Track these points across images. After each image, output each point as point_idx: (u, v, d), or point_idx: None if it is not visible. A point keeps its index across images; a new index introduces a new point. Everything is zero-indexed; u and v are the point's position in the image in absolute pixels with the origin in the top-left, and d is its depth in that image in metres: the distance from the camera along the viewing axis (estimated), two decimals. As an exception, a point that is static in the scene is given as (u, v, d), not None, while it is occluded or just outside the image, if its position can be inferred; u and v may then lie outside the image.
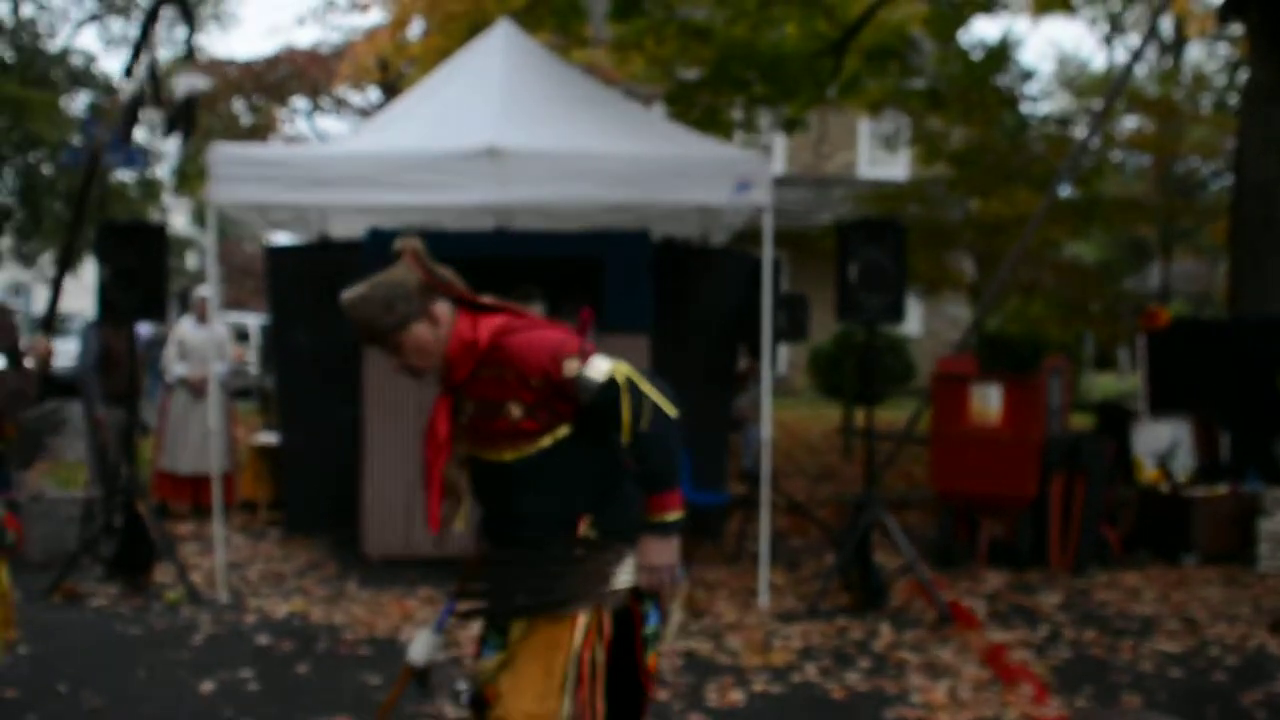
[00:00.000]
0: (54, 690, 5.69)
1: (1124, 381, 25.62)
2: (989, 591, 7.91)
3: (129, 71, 5.70)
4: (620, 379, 3.37)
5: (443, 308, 3.56)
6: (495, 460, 3.54)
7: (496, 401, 3.41)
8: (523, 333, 3.50)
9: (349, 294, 3.50)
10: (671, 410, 3.37)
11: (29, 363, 4.88)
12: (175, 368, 10.03)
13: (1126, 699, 5.77)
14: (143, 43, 5.81)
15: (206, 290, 9.85)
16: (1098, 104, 16.31)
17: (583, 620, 3.45)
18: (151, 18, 5.92)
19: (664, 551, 3.46)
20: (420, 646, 3.60)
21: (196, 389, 9.97)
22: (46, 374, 4.87)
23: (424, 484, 3.72)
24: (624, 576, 3.48)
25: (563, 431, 3.44)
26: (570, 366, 3.38)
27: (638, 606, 3.57)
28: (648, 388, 3.38)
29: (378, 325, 3.50)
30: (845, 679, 5.99)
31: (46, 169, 29.13)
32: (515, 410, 3.40)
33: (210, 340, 9.98)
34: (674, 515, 3.45)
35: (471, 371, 3.45)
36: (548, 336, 3.50)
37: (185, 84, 6.06)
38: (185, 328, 10.12)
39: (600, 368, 3.39)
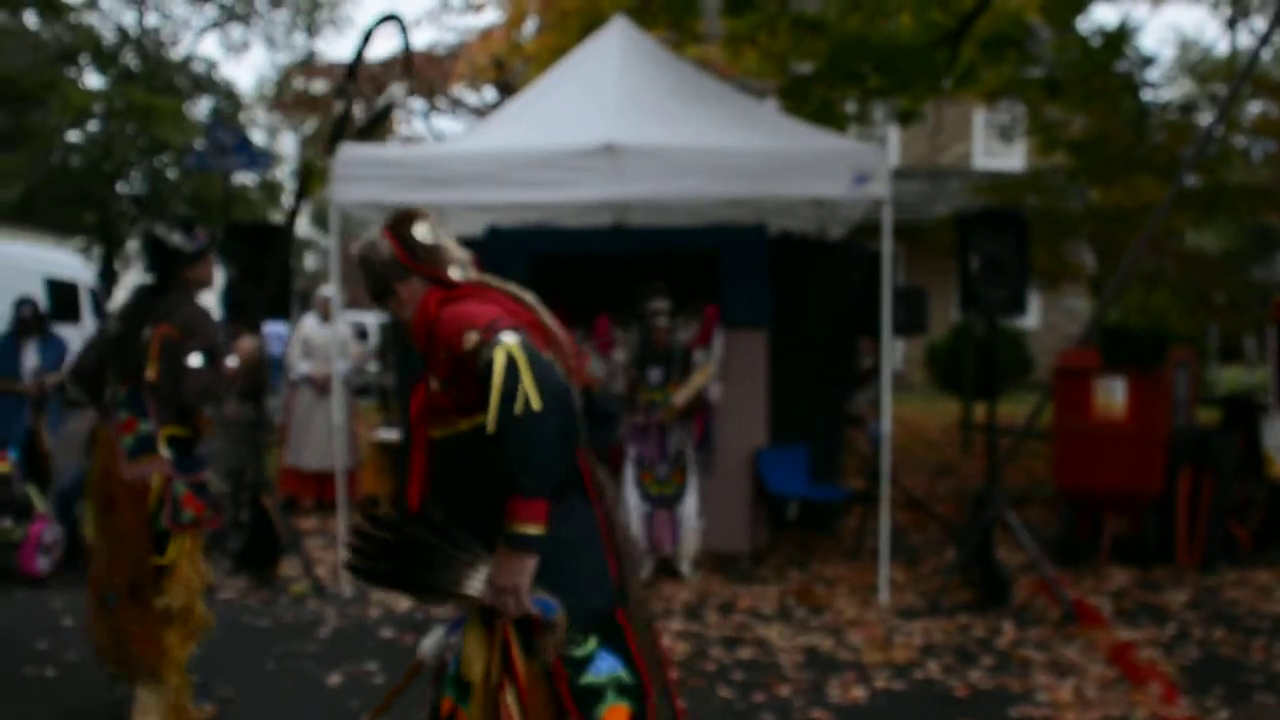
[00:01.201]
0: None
1: (1251, 374, 24.97)
2: (1114, 589, 7.77)
3: (342, 91, 5.87)
4: (500, 357, 2.97)
5: (413, 286, 3.35)
6: (431, 437, 3.29)
7: (432, 376, 3.23)
8: (457, 305, 3.20)
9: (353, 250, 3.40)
10: (537, 404, 2.91)
11: (232, 362, 5.12)
12: (300, 365, 10.24)
13: (1260, 699, 5.63)
14: (357, 62, 5.98)
15: (329, 290, 10.03)
16: (1221, 90, 15.91)
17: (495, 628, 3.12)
18: (366, 39, 6.08)
19: (510, 569, 3.00)
20: (431, 643, 3.38)
21: (320, 386, 10.16)
22: (255, 373, 5.12)
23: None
24: (474, 584, 3.10)
25: (481, 418, 3.00)
26: (470, 339, 3.06)
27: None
28: (528, 375, 2.94)
29: (369, 292, 3.43)
30: (968, 676, 5.93)
31: (171, 173, 29.87)
32: (433, 383, 3.20)
33: (332, 339, 10.16)
34: (529, 528, 2.97)
35: (425, 344, 3.25)
36: (470, 311, 3.15)
37: (389, 94, 6.23)
38: (309, 326, 10.33)
39: (498, 344, 2.98)
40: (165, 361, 4.88)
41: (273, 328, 10.43)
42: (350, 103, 5.80)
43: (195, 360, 4.85)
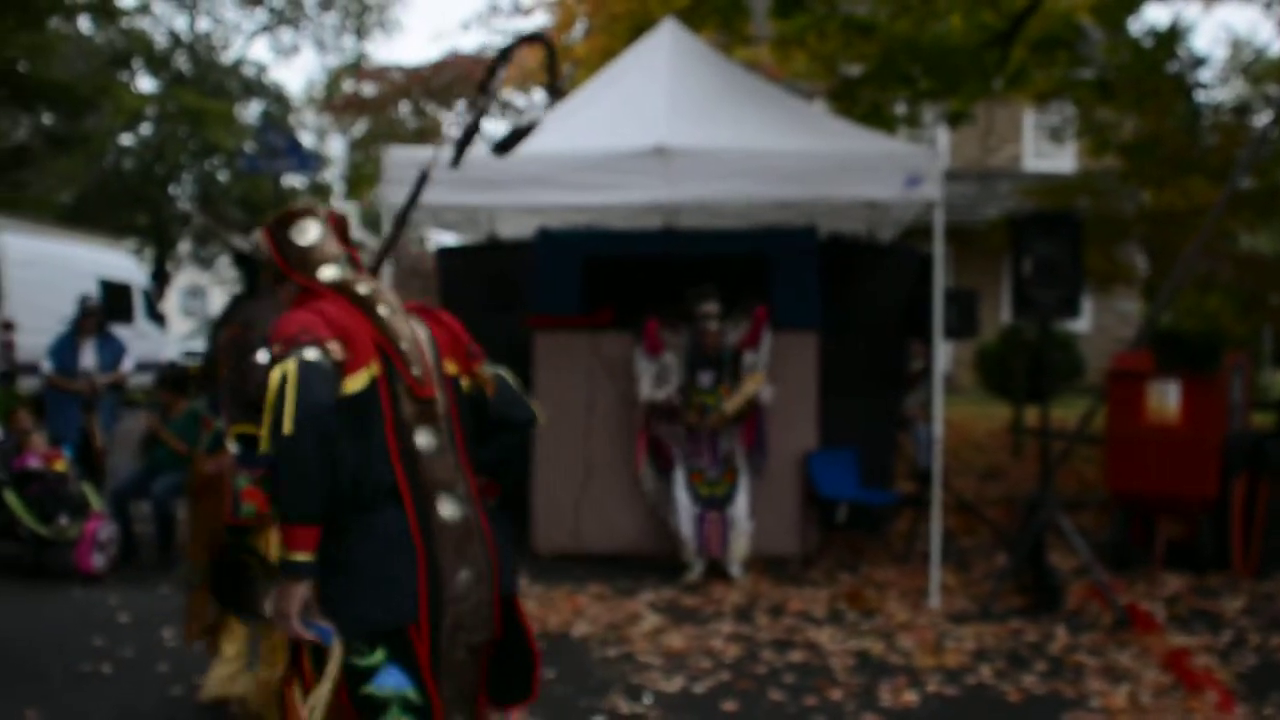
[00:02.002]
0: (243, 679, 5.89)
1: (1306, 378, 24.67)
2: (1168, 595, 7.69)
3: (474, 104, 5.95)
4: (275, 377, 2.88)
5: (288, 288, 3.26)
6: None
7: None
8: (292, 312, 3.10)
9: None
10: (288, 428, 2.82)
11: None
12: None
13: (1319, 707, 5.57)
14: (493, 76, 6.06)
15: None
16: (1275, 90, 15.74)
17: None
18: (505, 56, 6.16)
19: (281, 596, 2.94)
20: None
21: None
22: None
23: None
24: (268, 605, 3.07)
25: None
26: (261, 355, 3.05)
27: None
28: (290, 397, 2.84)
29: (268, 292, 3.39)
30: (1021, 681, 5.90)
31: (222, 175, 30.15)
32: None
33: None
34: (295, 555, 2.89)
35: None
36: (291, 320, 3.03)
37: (532, 112, 6.28)
38: None
39: (282, 362, 2.90)
40: (232, 360, 5.01)
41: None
42: (480, 115, 5.83)
43: (263, 356, 4.91)
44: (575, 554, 8.49)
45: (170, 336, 22.06)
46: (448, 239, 12.16)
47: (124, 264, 19.00)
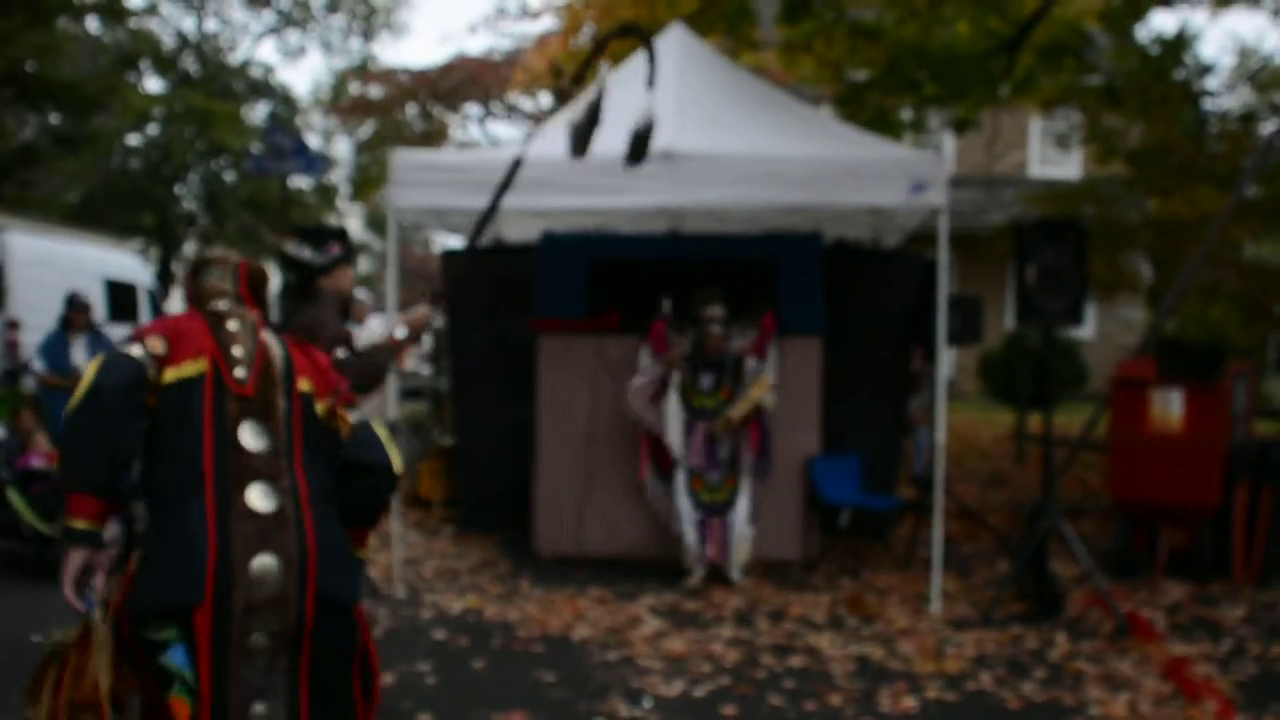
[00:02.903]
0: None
1: (1311, 387, 24.64)
2: (1169, 603, 7.69)
3: (583, 95, 6.08)
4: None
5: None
6: None
7: None
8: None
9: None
10: (71, 404, 3.11)
11: (400, 333, 5.32)
12: None
13: (1319, 716, 5.57)
14: (589, 65, 6.14)
15: (362, 293, 10.09)
16: (1283, 99, 15.73)
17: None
18: (601, 46, 6.23)
19: (64, 561, 3.13)
20: None
21: None
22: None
23: None
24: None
25: None
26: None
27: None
28: (87, 378, 3.11)
29: None
30: (1021, 689, 5.90)
31: (229, 176, 30.19)
32: None
33: (368, 340, 10.28)
34: (74, 522, 3.11)
35: None
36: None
37: (646, 113, 6.28)
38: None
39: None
40: None
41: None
42: (598, 107, 5.92)
43: (340, 353, 5.04)
44: (576, 557, 8.50)
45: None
46: (453, 242, 12.19)
47: (129, 264, 19.01)
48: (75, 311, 10.48)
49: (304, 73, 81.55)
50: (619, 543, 8.56)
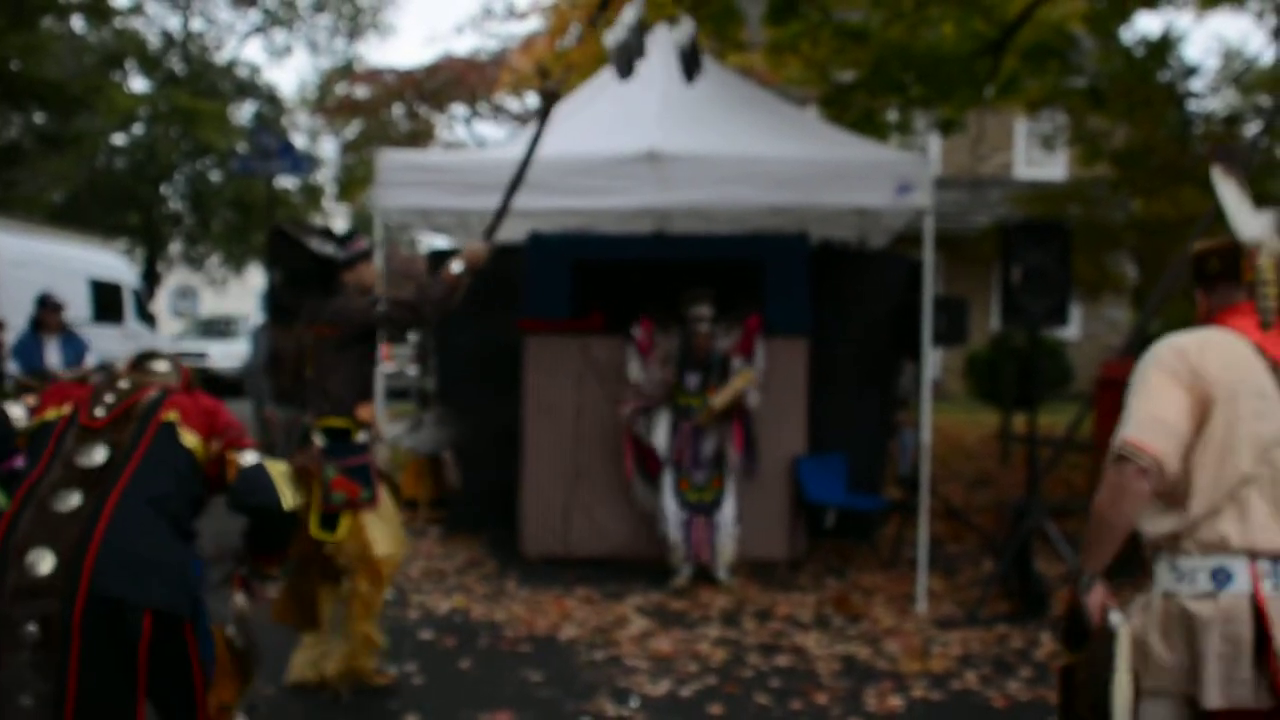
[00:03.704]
0: (230, 679, 5.89)
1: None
2: (1154, 602, 7.71)
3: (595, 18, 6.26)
4: None
5: None
6: None
7: None
8: None
9: None
10: None
11: (456, 267, 5.61)
12: None
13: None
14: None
15: None
16: (1266, 100, 15.79)
17: None
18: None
19: None
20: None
21: None
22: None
23: None
24: None
25: None
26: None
27: None
28: None
29: None
30: (1006, 688, 5.92)
31: (214, 176, 30.11)
32: None
33: None
34: None
35: None
36: None
37: (682, 33, 6.44)
38: None
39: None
40: (319, 358, 5.52)
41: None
42: (640, 29, 6.12)
43: (383, 306, 5.50)
44: (563, 557, 8.51)
45: (161, 337, 22.03)
46: (439, 242, 12.18)
47: (115, 264, 18.97)
48: (47, 311, 10.40)
49: (290, 73, 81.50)
50: (605, 543, 8.57)
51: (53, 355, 10.28)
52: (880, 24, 12.40)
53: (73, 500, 3.41)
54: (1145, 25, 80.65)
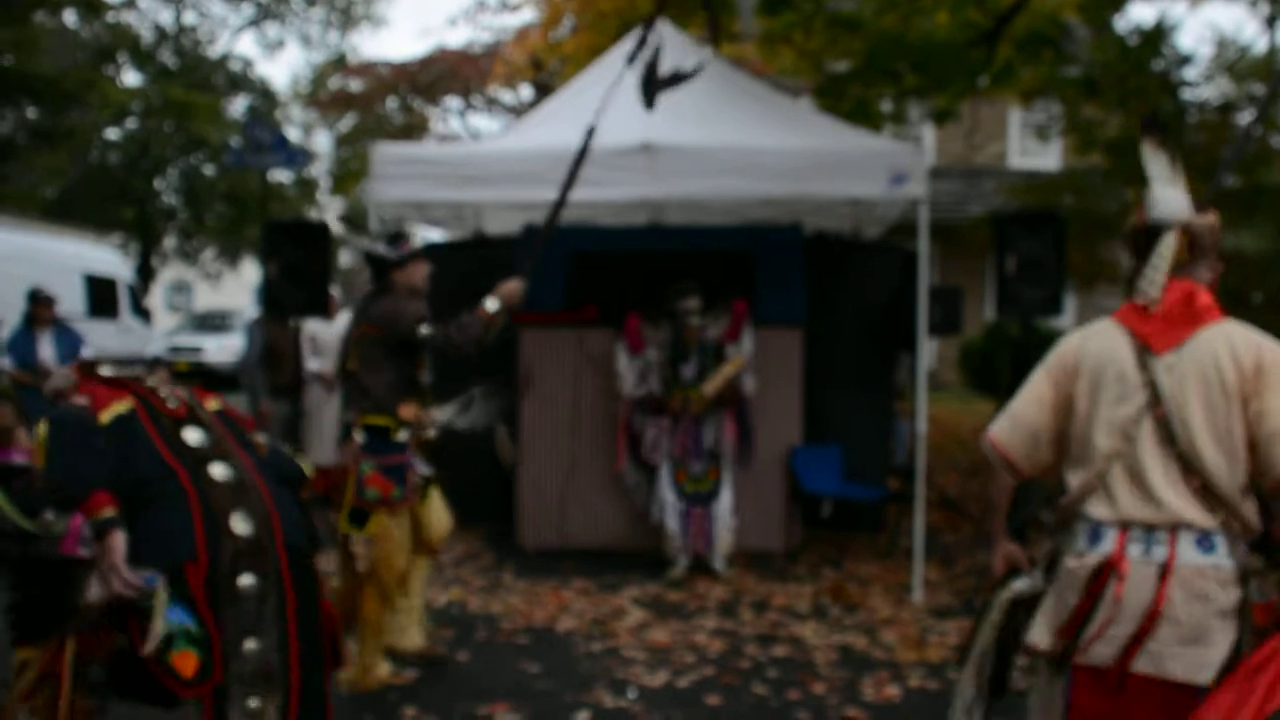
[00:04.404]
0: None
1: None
2: (1150, 590, 7.73)
3: (631, 59, 6.34)
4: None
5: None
6: None
7: None
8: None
9: None
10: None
11: (491, 305, 5.71)
12: (309, 363, 10.25)
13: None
14: (651, 23, 6.42)
15: (332, 288, 10.07)
16: (1260, 89, 15.79)
17: None
18: (650, 22, 6.42)
19: (109, 549, 3.52)
20: None
21: (329, 383, 10.24)
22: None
23: None
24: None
25: None
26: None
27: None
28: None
29: None
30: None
31: (208, 170, 30.06)
32: None
33: (337, 335, 10.28)
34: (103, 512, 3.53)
35: None
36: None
37: (696, 59, 6.51)
38: (315, 324, 10.31)
39: None
40: (363, 355, 5.61)
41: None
42: (655, 67, 6.21)
43: (426, 329, 5.57)
44: (560, 549, 8.52)
45: (155, 332, 22.03)
46: (434, 235, 12.17)
47: (109, 259, 18.97)
48: (39, 306, 10.41)
49: (283, 66, 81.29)
50: (602, 534, 8.58)
51: (46, 349, 10.28)
52: (874, 13, 12.37)
53: (224, 471, 3.69)
54: (1139, 14, 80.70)
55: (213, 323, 24.90)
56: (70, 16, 26.86)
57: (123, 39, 29.28)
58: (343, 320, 10.67)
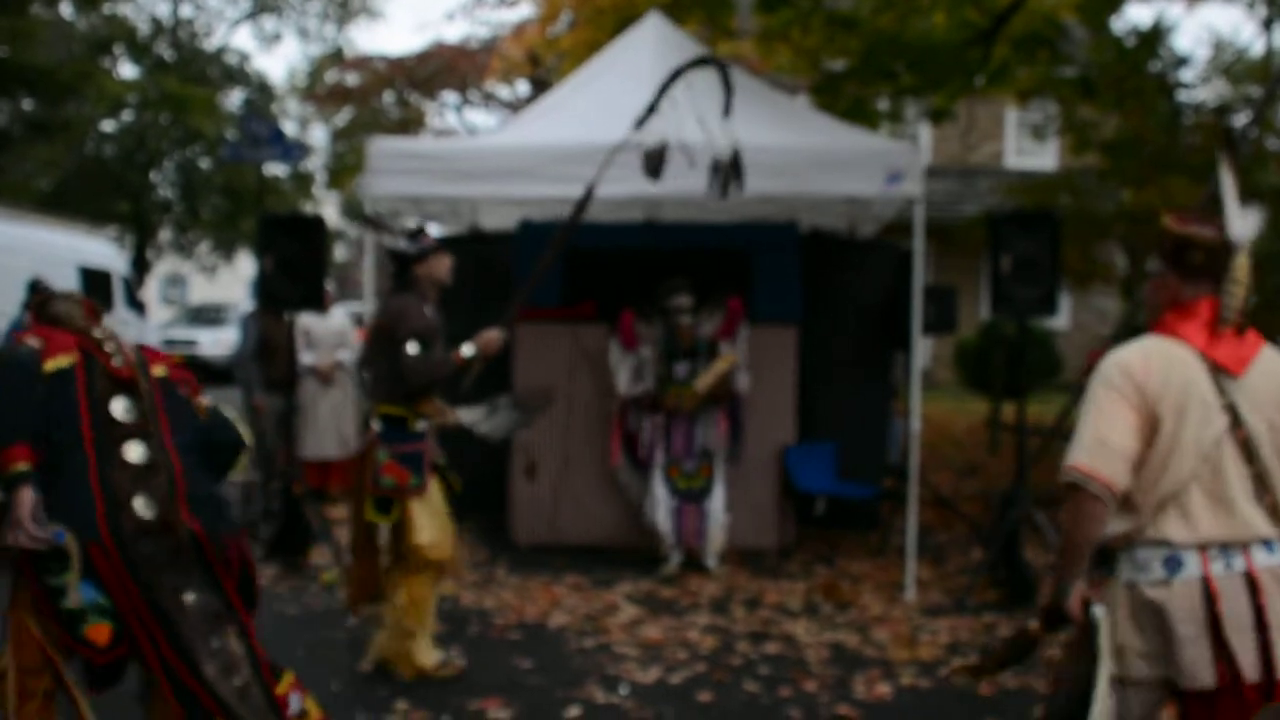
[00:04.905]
0: (220, 666, 5.90)
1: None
2: (1142, 590, 7.73)
3: (640, 124, 6.39)
4: None
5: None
6: None
7: None
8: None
9: None
10: None
11: (467, 350, 5.84)
12: (303, 356, 10.26)
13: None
14: (659, 99, 6.45)
15: (327, 283, 10.09)
16: (1256, 91, 15.82)
17: None
18: (673, 77, 6.46)
19: (17, 504, 3.66)
20: None
21: (324, 376, 10.25)
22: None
23: None
24: None
25: None
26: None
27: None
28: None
29: None
30: (994, 676, 5.93)
31: (204, 163, 30.02)
32: None
33: (331, 329, 10.31)
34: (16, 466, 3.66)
35: None
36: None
37: (728, 148, 6.53)
38: (309, 318, 10.32)
39: None
40: (376, 347, 5.75)
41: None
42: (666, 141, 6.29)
43: (411, 348, 5.58)
44: (553, 545, 8.52)
45: (150, 325, 21.99)
46: (430, 230, 12.16)
47: (104, 251, 18.91)
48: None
49: (280, 60, 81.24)
50: (595, 530, 8.58)
51: None
52: (871, 12, 12.37)
53: (139, 451, 3.82)
54: (1136, 15, 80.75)
55: (207, 316, 24.87)
56: (67, 8, 26.82)
57: (119, 31, 29.21)
58: (338, 314, 10.69)
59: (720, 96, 6.49)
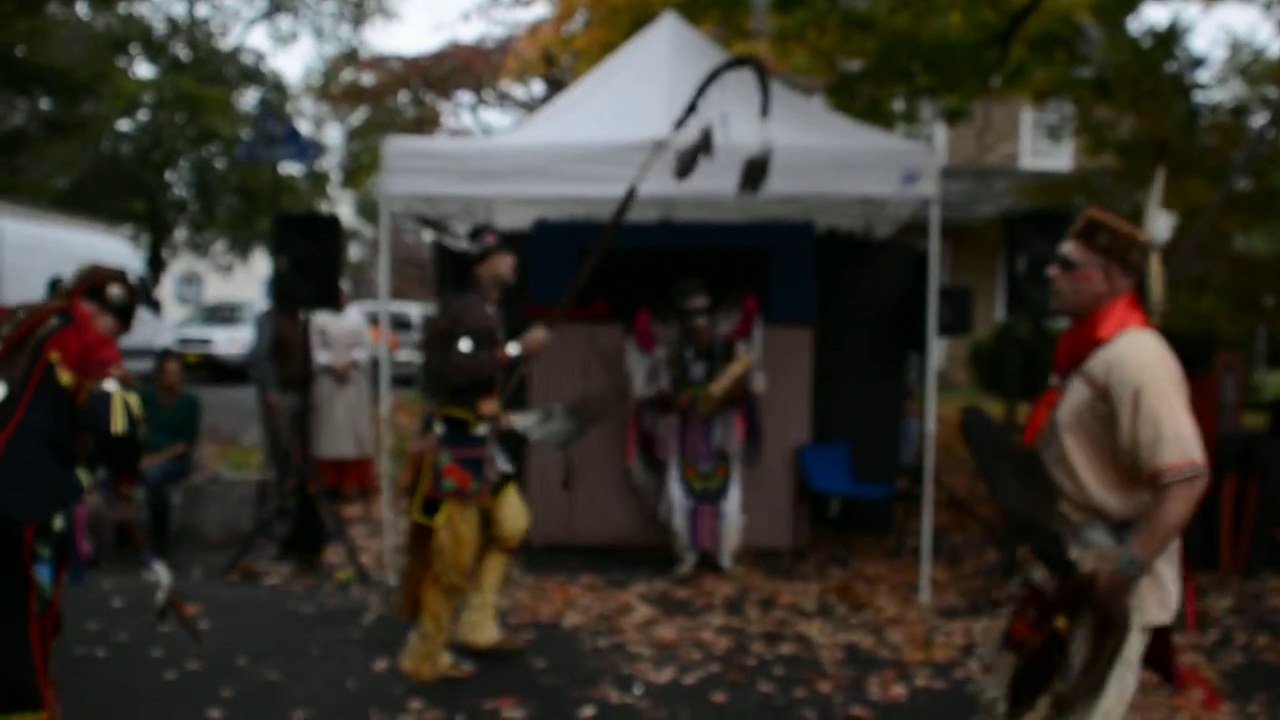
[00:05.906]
0: (234, 664, 5.92)
1: (1299, 379, 24.70)
2: (1157, 592, 7.71)
3: (680, 124, 6.42)
4: None
5: None
6: None
7: None
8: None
9: None
10: None
11: (512, 349, 5.88)
12: (318, 356, 10.28)
13: (1304, 705, 5.61)
14: (697, 99, 6.49)
15: (342, 282, 10.12)
16: (1273, 92, 15.76)
17: None
18: (711, 79, 6.48)
19: None
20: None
21: (339, 376, 10.27)
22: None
23: None
24: None
25: None
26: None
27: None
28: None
29: None
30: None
31: (220, 163, 30.09)
32: None
33: (346, 328, 10.33)
34: None
35: None
36: None
37: (760, 146, 6.54)
38: (324, 317, 10.34)
39: None
40: (436, 348, 5.73)
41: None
42: (709, 138, 6.28)
43: (464, 345, 5.60)
44: (568, 545, 8.52)
45: (165, 323, 22.05)
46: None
47: (120, 250, 18.99)
48: (59, 297, 10.44)
49: (295, 59, 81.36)
50: (610, 530, 8.58)
51: None
52: (887, 12, 12.36)
53: None
54: (1152, 16, 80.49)
55: (222, 315, 24.93)
56: (83, 8, 26.88)
57: (135, 31, 29.29)
58: (353, 313, 10.70)
59: (749, 97, 6.46)
